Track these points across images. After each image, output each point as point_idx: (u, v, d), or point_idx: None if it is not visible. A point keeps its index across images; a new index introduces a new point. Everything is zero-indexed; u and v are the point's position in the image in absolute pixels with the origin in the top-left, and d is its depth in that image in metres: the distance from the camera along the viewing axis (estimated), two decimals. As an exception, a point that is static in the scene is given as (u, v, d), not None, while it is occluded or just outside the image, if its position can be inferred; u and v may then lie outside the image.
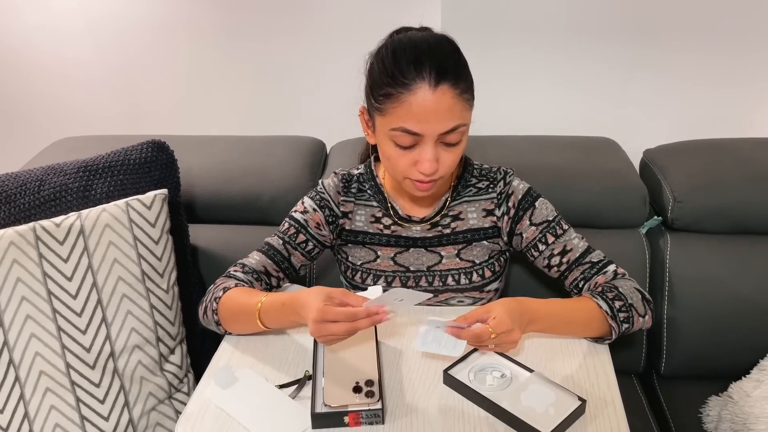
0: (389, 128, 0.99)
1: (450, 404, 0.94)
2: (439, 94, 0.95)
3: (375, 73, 1.00)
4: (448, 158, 1.01)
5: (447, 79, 0.95)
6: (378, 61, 1.01)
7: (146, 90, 1.90)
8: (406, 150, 1.00)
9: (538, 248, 1.13)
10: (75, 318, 1.15)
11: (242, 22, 1.77)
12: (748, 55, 1.65)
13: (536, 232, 1.12)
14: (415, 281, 1.16)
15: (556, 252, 1.11)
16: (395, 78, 0.96)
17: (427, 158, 0.98)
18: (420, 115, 0.95)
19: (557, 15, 1.65)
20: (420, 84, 0.95)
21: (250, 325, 1.04)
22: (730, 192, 1.38)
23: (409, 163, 1.01)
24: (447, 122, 0.97)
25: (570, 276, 1.12)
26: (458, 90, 0.96)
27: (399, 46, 0.99)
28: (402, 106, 0.96)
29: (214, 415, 0.95)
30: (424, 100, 0.95)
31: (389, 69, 0.97)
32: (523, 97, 1.76)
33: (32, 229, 1.15)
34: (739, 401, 1.26)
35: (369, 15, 1.70)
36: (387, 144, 1.01)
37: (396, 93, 0.96)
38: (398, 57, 0.97)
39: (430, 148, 0.98)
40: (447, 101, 0.95)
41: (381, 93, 0.98)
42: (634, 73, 1.70)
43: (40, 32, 1.84)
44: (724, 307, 1.37)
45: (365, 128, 1.09)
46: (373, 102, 1.01)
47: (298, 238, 1.16)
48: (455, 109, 0.96)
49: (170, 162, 1.34)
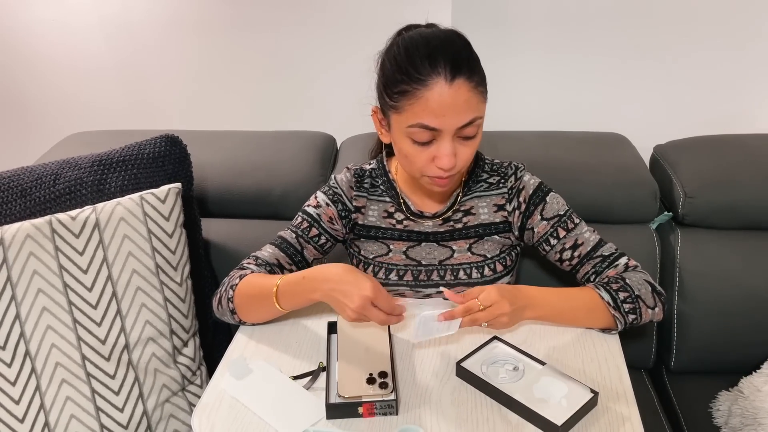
0: (406, 125, 0.99)
1: (462, 396, 0.95)
2: (456, 88, 0.95)
3: (388, 71, 1.00)
4: (465, 152, 1.01)
5: (462, 72, 0.95)
6: (390, 59, 1.01)
7: (158, 85, 1.92)
8: (423, 146, 1.00)
9: (550, 242, 1.13)
10: (90, 310, 1.16)
11: (253, 17, 1.78)
12: (758, 52, 1.65)
13: (548, 226, 1.13)
14: (427, 275, 1.17)
15: (568, 246, 1.12)
16: (410, 74, 0.96)
17: (445, 153, 0.99)
18: (437, 110, 0.96)
19: (567, 11, 1.65)
20: (436, 79, 0.95)
21: (265, 308, 1.05)
22: (740, 188, 1.38)
23: (427, 159, 1.01)
24: (464, 116, 0.97)
25: (582, 270, 1.12)
26: (473, 83, 0.97)
27: (411, 42, 0.99)
28: (419, 102, 0.96)
29: (229, 405, 0.96)
30: (441, 95, 0.95)
31: (403, 66, 0.97)
32: (533, 92, 1.76)
33: (48, 222, 1.16)
34: (750, 396, 1.26)
35: (379, 10, 1.70)
36: (404, 141, 1.01)
37: (411, 89, 0.96)
38: (411, 53, 0.97)
39: (449, 143, 0.99)
40: (463, 95, 0.96)
41: (396, 90, 0.98)
42: (645, 69, 1.70)
43: (52, 28, 1.85)
44: (734, 303, 1.37)
45: (379, 128, 1.09)
46: (387, 100, 1.01)
47: (311, 232, 1.17)
48: (472, 102, 0.97)
49: (183, 156, 1.35)
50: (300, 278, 0.99)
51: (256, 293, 1.06)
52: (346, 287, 0.92)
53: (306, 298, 1.00)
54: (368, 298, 0.90)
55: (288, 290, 1.01)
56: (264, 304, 1.05)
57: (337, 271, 0.95)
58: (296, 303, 1.03)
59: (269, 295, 1.02)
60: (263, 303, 1.04)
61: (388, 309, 0.91)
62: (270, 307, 1.03)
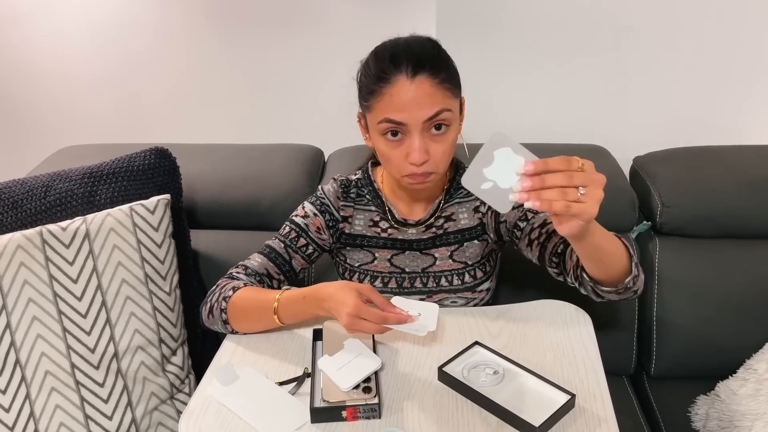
0: (376, 122, 1.05)
1: (444, 399, 0.97)
2: (417, 83, 1.00)
3: (361, 76, 1.08)
4: (438, 149, 1.05)
5: (424, 69, 1.01)
6: (364, 66, 1.08)
7: (149, 100, 1.95)
8: (396, 143, 1.05)
9: (519, 226, 1.14)
10: (80, 319, 1.18)
11: (242, 33, 1.82)
12: (734, 66, 1.70)
13: (517, 212, 1.14)
14: (410, 282, 1.20)
15: (536, 225, 1.12)
16: (377, 75, 1.03)
17: (415, 148, 1.03)
18: (400, 105, 1.01)
19: (548, 27, 1.70)
20: (398, 76, 1.01)
21: (263, 321, 1.09)
22: (716, 198, 1.42)
23: (401, 157, 1.05)
24: (427, 109, 1.01)
25: (549, 244, 1.09)
26: (437, 79, 1.01)
27: (380, 48, 1.07)
28: (383, 98, 1.02)
29: (216, 411, 0.98)
30: (402, 89, 1.00)
31: (372, 69, 1.04)
32: (515, 105, 1.81)
33: (39, 233, 1.18)
34: (726, 399, 1.29)
35: (366, 26, 1.75)
36: (379, 140, 1.07)
37: (377, 88, 1.02)
38: (379, 57, 1.05)
39: (417, 138, 1.03)
40: (425, 89, 1.01)
41: (366, 92, 1.05)
42: (625, 83, 1.75)
43: (43, 43, 1.88)
44: (711, 309, 1.41)
45: (363, 132, 1.14)
46: (362, 101, 1.08)
47: (299, 242, 1.20)
48: (436, 97, 1.01)
49: (173, 168, 1.38)
50: (300, 298, 1.04)
51: (252, 307, 1.09)
52: (336, 306, 0.97)
53: (310, 314, 1.05)
54: (353, 315, 0.94)
55: (290, 308, 1.06)
56: (262, 318, 1.09)
57: (330, 291, 0.99)
58: (298, 319, 1.09)
59: (268, 310, 1.07)
60: (261, 317, 1.08)
61: (377, 319, 0.94)
62: (268, 321, 1.08)
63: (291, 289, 1.08)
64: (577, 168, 0.77)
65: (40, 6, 1.83)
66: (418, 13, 1.71)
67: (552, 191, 0.77)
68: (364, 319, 0.94)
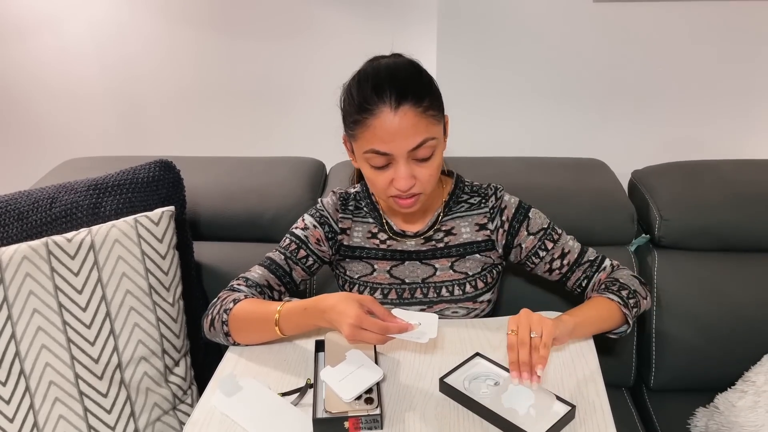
0: (362, 152, 1.06)
1: (445, 410, 0.98)
2: (401, 114, 1.01)
3: (345, 103, 1.09)
4: (424, 173, 1.07)
5: (407, 99, 1.01)
6: (347, 93, 1.09)
7: (153, 113, 1.97)
8: (381, 170, 1.07)
9: (539, 255, 1.20)
10: (84, 330, 1.19)
11: (245, 47, 1.84)
12: (727, 85, 1.73)
13: (535, 240, 1.19)
14: (411, 293, 1.21)
15: (557, 256, 1.19)
16: (360, 105, 1.03)
17: (401, 176, 1.05)
18: (385, 137, 1.02)
19: (548, 46, 1.72)
20: (382, 108, 1.01)
21: (264, 333, 1.10)
22: (713, 211, 1.44)
23: (386, 182, 1.07)
24: (412, 139, 1.03)
25: (572, 277, 1.20)
26: (421, 108, 1.02)
27: (363, 76, 1.07)
28: (368, 129, 1.03)
29: (219, 421, 0.98)
30: (387, 121, 1.01)
31: (355, 98, 1.05)
32: (515, 120, 1.83)
33: (44, 244, 1.20)
34: (725, 411, 1.30)
35: (368, 40, 1.77)
36: (364, 166, 1.08)
37: (362, 119, 1.03)
38: (362, 86, 1.05)
39: (403, 166, 1.04)
40: (409, 120, 1.02)
41: (351, 120, 1.06)
42: (623, 100, 1.77)
43: (49, 57, 1.91)
44: (710, 321, 1.42)
45: (349, 154, 1.15)
46: (347, 129, 1.09)
47: (299, 254, 1.21)
48: (419, 126, 1.03)
49: (177, 181, 1.39)
50: (302, 309, 1.05)
51: (253, 319, 1.10)
52: (338, 317, 0.98)
53: (311, 325, 1.06)
54: (355, 325, 0.95)
55: (291, 320, 1.07)
56: (263, 330, 1.10)
57: (331, 302, 1.00)
58: (300, 330, 1.10)
59: (269, 322, 1.07)
60: (262, 328, 1.09)
61: (379, 329, 0.95)
62: (269, 332, 1.09)
63: (292, 301, 1.09)
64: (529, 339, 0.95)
65: (46, 20, 1.86)
66: (420, 26, 1.74)
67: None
68: (366, 330, 0.95)
